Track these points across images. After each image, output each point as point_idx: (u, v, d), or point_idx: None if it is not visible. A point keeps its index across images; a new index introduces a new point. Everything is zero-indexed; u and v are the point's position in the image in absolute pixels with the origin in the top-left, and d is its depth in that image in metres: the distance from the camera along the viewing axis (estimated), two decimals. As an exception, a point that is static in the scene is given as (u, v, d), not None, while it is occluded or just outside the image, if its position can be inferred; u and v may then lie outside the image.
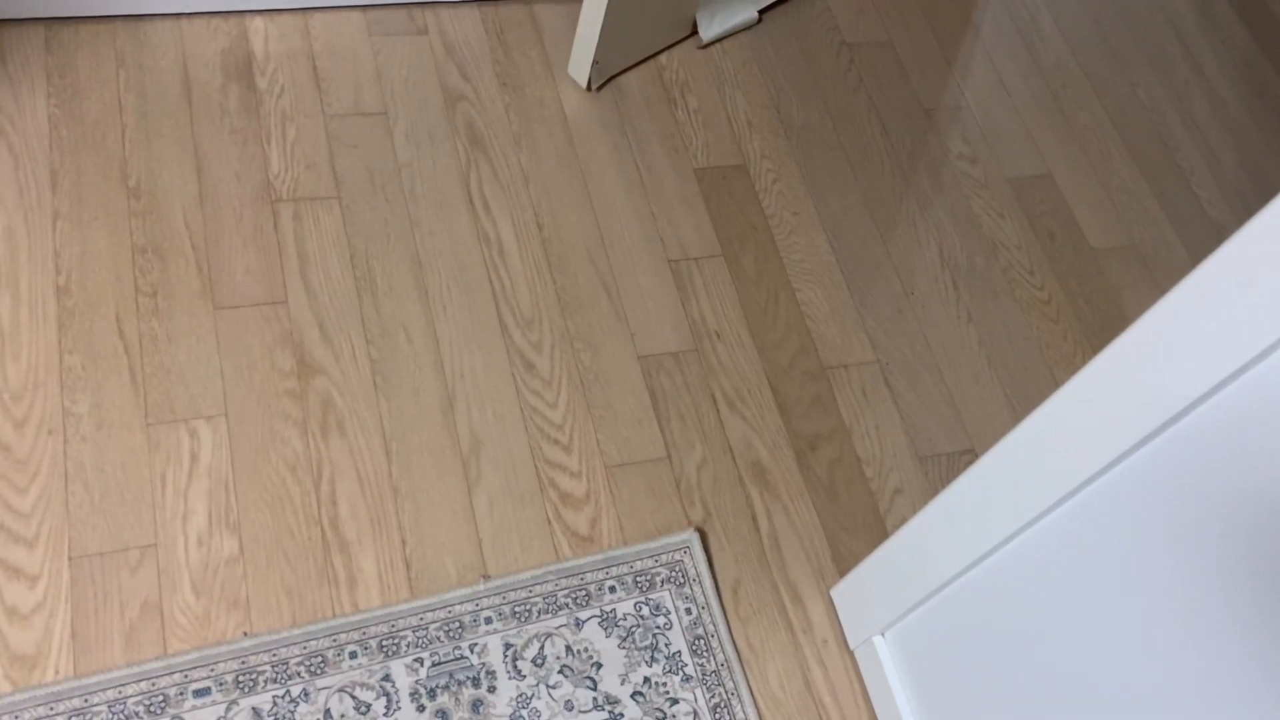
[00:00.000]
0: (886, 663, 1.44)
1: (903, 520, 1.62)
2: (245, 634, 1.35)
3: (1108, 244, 2.05)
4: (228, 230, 1.63)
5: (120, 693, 1.28)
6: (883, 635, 1.46)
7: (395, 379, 1.57)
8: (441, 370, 1.60)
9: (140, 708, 1.27)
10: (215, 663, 1.32)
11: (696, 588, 1.51)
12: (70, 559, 1.34)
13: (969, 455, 1.72)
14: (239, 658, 1.32)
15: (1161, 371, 0.93)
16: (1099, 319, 1.94)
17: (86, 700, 1.27)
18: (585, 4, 1.78)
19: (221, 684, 1.31)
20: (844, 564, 1.58)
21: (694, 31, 2.03)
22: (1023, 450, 1.12)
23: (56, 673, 1.28)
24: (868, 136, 2.03)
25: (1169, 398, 0.93)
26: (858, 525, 1.62)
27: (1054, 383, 1.83)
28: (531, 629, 1.43)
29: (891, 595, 1.41)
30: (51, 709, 1.25)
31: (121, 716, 1.26)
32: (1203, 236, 2.12)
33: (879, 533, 1.62)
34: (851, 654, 1.52)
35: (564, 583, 1.47)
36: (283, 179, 1.70)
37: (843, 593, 1.53)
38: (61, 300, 1.51)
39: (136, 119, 1.68)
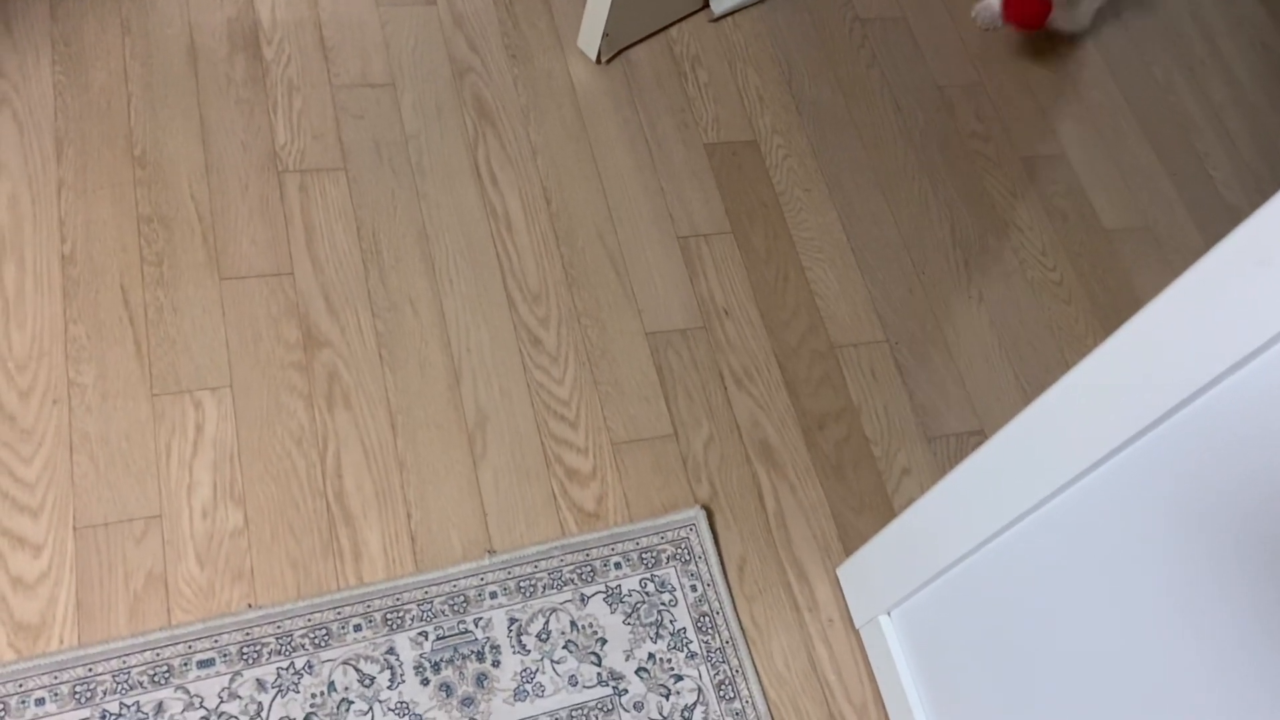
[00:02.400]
0: (892, 642, 1.43)
1: (910, 500, 1.61)
2: (249, 606, 1.34)
3: (1121, 225, 2.03)
4: (234, 201, 1.61)
5: (124, 663, 1.28)
6: (888, 614, 1.45)
7: (401, 352, 1.56)
8: (448, 344, 1.59)
9: (144, 678, 1.27)
10: (219, 634, 1.31)
11: (702, 565, 1.50)
12: (75, 529, 1.34)
13: (978, 436, 1.71)
14: (243, 629, 1.32)
15: (1174, 354, 0.92)
16: (1111, 301, 1.92)
17: (90, 670, 1.26)
18: (596, -25, 1.76)
19: (225, 655, 1.30)
20: (850, 543, 1.57)
21: (705, 4, 2.00)
22: (1032, 432, 1.11)
23: (61, 642, 1.28)
24: (880, 113, 2.01)
25: (1181, 380, 0.92)
26: (864, 505, 1.61)
27: (1065, 364, 1.81)
28: (536, 604, 1.42)
29: (898, 575, 1.40)
30: (56, 678, 1.25)
31: (126, 686, 1.26)
32: (1217, 219, 2.09)
33: (886, 512, 1.61)
34: (857, 633, 1.51)
35: (569, 558, 1.47)
36: (289, 149, 1.68)
37: (849, 572, 1.53)
38: (66, 269, 1.50)
39: (142, 87, 1.67)
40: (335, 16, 1.82)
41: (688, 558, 1.50)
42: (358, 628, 1.36)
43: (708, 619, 1.47)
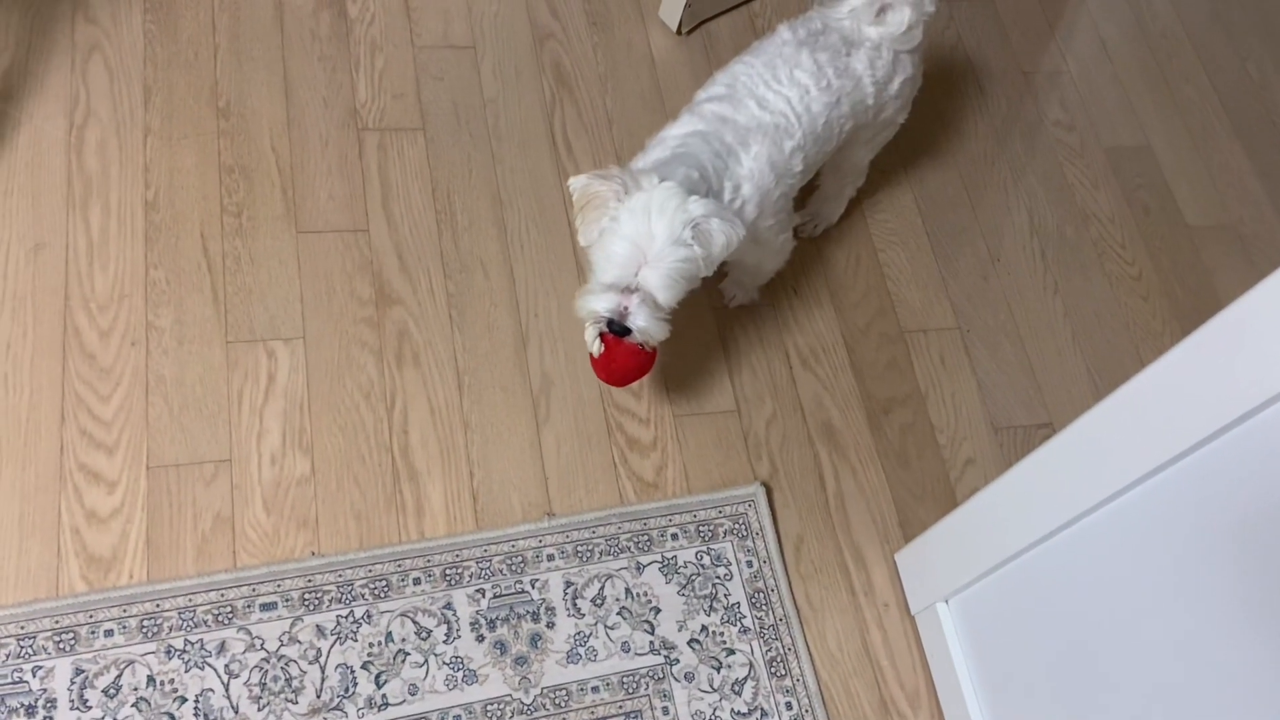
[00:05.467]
0: (948, 630, 1.42)
1: (973, 490, 1.58)
2: (313, 553, 1.37)
3: (1205, 222, 1.97)
4: (313, 155, 1.63)
5: (190, 600, 1.30)
6: (946, 603, 1.43)
7: (471, 314, 1.57)
8: (516, 308, 1.59)
9: (209, 617, 1.30)
10: (282, 579, 1.34)
11: (759, 541, 1.50)
12: (148, 468, 1.37)
13: (1046, 429, 1.68)
14: (306, 575, 1.34)
15: (1255, 356, 0.89)
16: (1190, 299, 1.87)
17: (158, 605, 1.30)
18: (683, -56, 1.75)
19: (288, 600, 1.33)
20: (910, 529, 1.56)
21: (790, -21, 1.98)
22: (1102, 429, 1.09)
23: (130, 577, 1.31)
24: (963, 96, 1.97)
25: (1261, 383, 0.89)
26: (926, 492, 1.60)
27: (1139, 361, 1.77)
28: (593, 569, 1.43)
29: (958, 563, 1.39)
30: (124, 611, 1.29)
31: (190, 624, 1.29)
32: (1307, 220, 2.03)
33: (948, 501, 1.59)
34: (912, 619, 1.50)
35: (627, 526, 1.47)
36: (369, 108, 1.69)
37: (907, 558, 1.51)
38: (149, 215, 1.53)
39: (229, 40, 1.69)
40: (420, -23, 1.83)
41: (745, 533, 1.50)
42: (417, 581, 1.37)
43: (762, 595, 1.46)
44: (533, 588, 1.40)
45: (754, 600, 1.46)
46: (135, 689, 1.25)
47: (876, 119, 1.49)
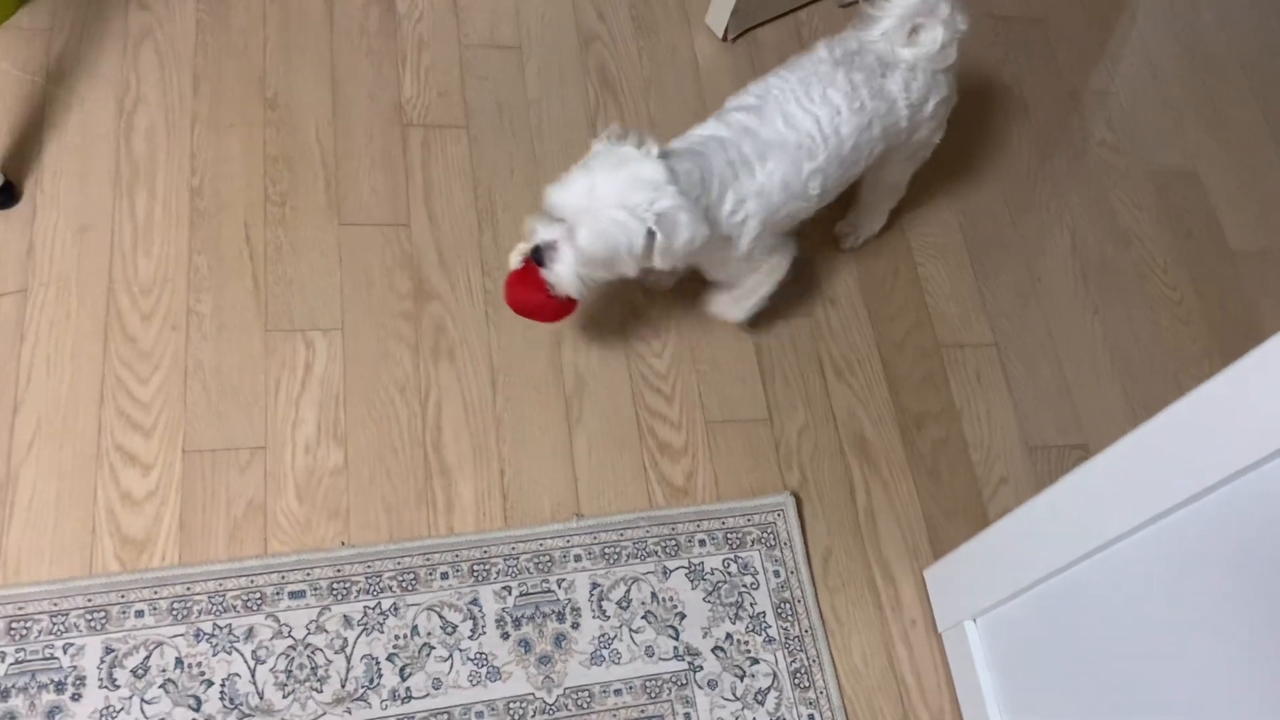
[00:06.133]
0: (976, 649, 1.41)
1: (1005, 509, 1.57)
2: (343, 543, 1.37)
3: (1250, 248, 1.95)
4: (357, 149, 1.64)
5: (220, 585, 1.31)
6: (974, 621, 1.42)
7: (507, 312, 1.57)
8: (552, 308, 1.59)
9: (238, 602, 1.31)
10: (312, 567, 1.34)
11: (787, 551, 1.49)
12: (184, 452, 1.38)
13: (1080, 451, 1.66)
14: (335, 565, 1.35)
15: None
16: (1232, 325, 1.85)
17: (188, 589, 1.31)
18: (733, -49, 1.75)
19: (316, 589, 1.33)
20: (940, 546, 1.54)
21: (837, -11, 1.98)
22: (1139, 455, 1.08)
23: (163, 559, 1.32)
24: (1008, 113, 1.96)
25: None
26: (958, 509, 1.58)
27: (1178, 387, 1.75)
28: (619, 571, 1.43)
29: (988, 582, 1.37)
30: (156, 592, 1.30)
31: (220, 608, 1.30)
32: (1354, 251, 2.00)
33: (979, 519, 1.58)
34: (939, 637, 1.48)
35: (655, 530, 1.47)
36: (414, 104, 1.70)
37: (937, 574, 1.50)
38: (194, 201, 1.55)
39: (279, 31, 1.71)
40: (469, -24, 1.84)
41: (773, 543, 1.49)
42: (444, 576, 1.38)
43: (788, 606, 1.45)
44: (559, 587, 1.40)
45: (780, 610, 1.45)
46: (163, 670, 1.26)
47: (910, 140, 1.48)
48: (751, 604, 1.45)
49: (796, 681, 1.41)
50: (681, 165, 1.25)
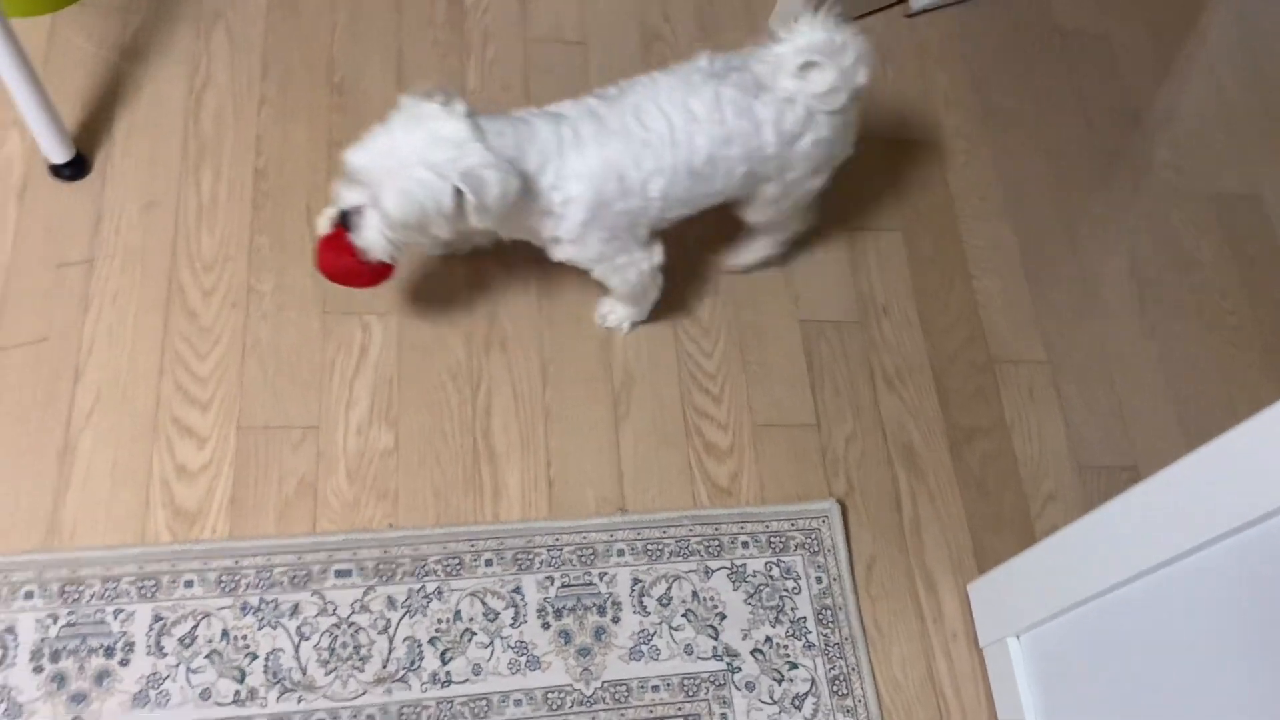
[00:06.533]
0: (1017, 665, 1.39)
1: (1052, 527, 1.55)
2: (390, 525, 1.38)
3: (1312, 277, 1.91)
4: (420, 137, 1.65)
5: (269, 560, 1.33)
6: (1017, 638, 1.41)
7: (559, 305, 1.58)
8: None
9: (285, 578, 1.32)
10: (359, 548, 1.36)
11: (830, 558, 1.48)
12: (238, 428, 1.40)
13: (1130, 472, 1.64)
14: (382, 547, 1.36)
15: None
16: (1291, 354, 1.82)
17: (237, 562, 1.32)
18: (796, -44, 1.75)
19: (363, 569, 1.35)
20: (984, 561, 1.53)
21: (903, -1, 1.97)
22: (1191, 480, 1.06)
23: (213, 532, 1.34)
24: (1070, 130, 1.94)
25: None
26: (1004, 524, 1.57)
27: (1233, 413, 1.72)
28: (661, 568, 1.43)
29: (1033, 599, 1.36)
30: (205, 564, 1.31)
31: (267, 583, 1.32)
32: None
33: (1026, 535, 1.56)
34: (980, 652, 1.47)
35: (698, 530, 1.47)
36: (478, 96, 1.72)
37: (980, 589, 1.49)
38: (258, 183, 1.57)
39: (348, 18, 1.73)
40: (537, -29, 1.85)
41: (816, 549, 1.49)
42: (489, 562, 1.38)
43: (829, 613, 1.45)
44: (601, 581, 1.41)
45: (821, 617, 1.44)
46: (209, 641, 1.28)
47: (785, 175, 1.40)
48: (792, 609, 1.44)
49: (835, 689, 1.40)
50: (492, 125, 1.22)
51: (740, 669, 1.39)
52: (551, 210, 1.30)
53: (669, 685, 1.36)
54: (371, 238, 1.24)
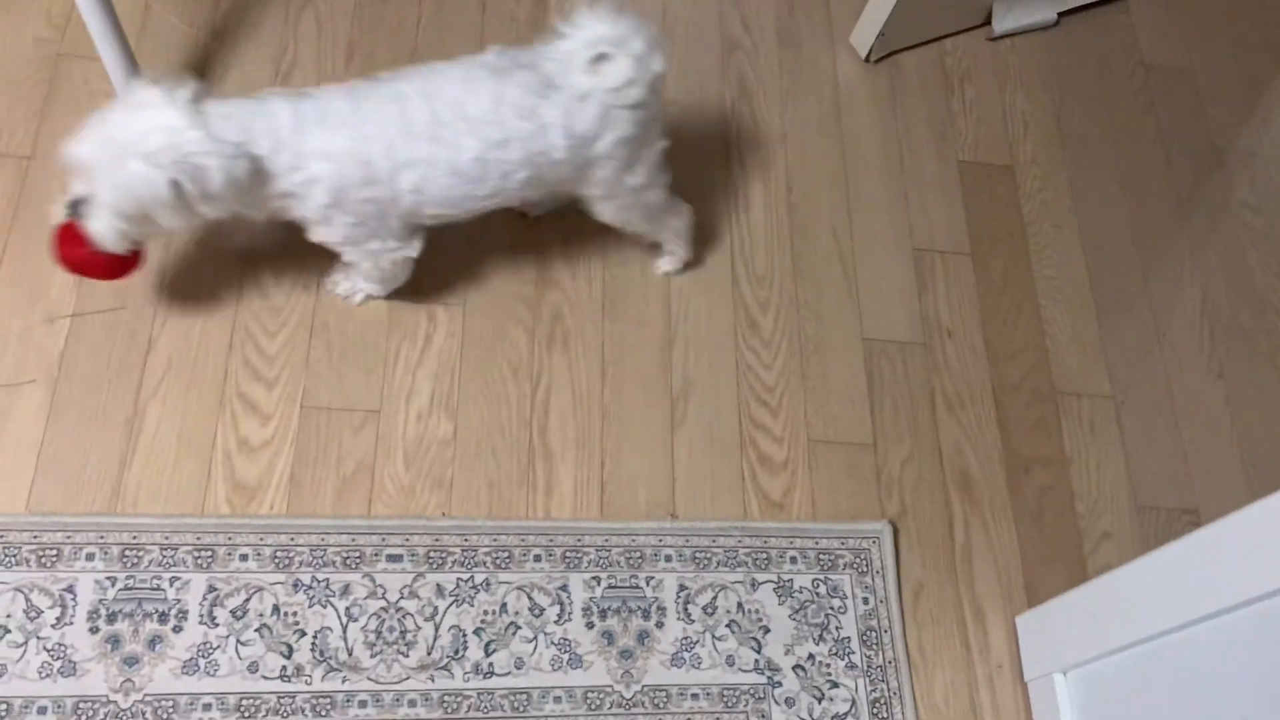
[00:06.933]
0: (1063, 703, 1.37)
1: (1106, 565, 1.53)
2: (444, 514, 1.40)
3: (1391, 329, 1.87)
4: (496, 132, 1.67)
5: (323, 540, 1.35)
6: (1064, 674, 1.39)
7: (623, 307, 1.59)
8: (667, 307, 1.60)
9: (338, 558, 1.34)
10: (411, 534, 1.37)
11: (878, 580, 1.47)
12: (301, 407, 1.42)
13: (1190, 516, 1.61)
14: (434, 534, 1.37)
15: None
16: (1364, 406, 1.77)
17: (292, 539, 1.34)
18: (887, -27, 1.74)
19: (414, 555, 1.36)
20: (1034, 594, 1.51)
21: (987, 21, 1.95)
22: (1254, 529, 1.04)
23: (271, 508, 1.36)
24: (1149, 163, 1.91)
25: None
26: (1057, 558, 1.55)
27: (1301, 462, 1.68)
28: (708, 577, 1.43)
29: (1082, 637, 1.34)
30: (261, 539, 1.34)
31: (320, 562, 1.33)
32: None
33: (1078, 571, 1.54)
34: (1025, 686, 1.45)
35: (747, 541, 1.46)
36: (554, 94, 1.73)
37: (1029, 622, 1.47)
38: (336, 167, 1.59)
39: (434, 11, 1.75)
40: (621, -26, 1.86)
41: (865, 569, 1.48)
42: (537, 558, 1.39)
43: (874, 634, 1.44)
44: (647, 585, 1.41)
45: (865, 638, 1.43)
46: (260, 615, 1.30)
47: (591, 176, 1.35)
48: (838, 628, 1.43)
49: (875, 711, 1.39)
50: (220, 109, 1.18)
51: (781, 684, 1.38)
52: (293, 191, 1.25)
53: (709, 694, 1.36)
54: (100, 228, 1.21)
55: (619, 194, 1.40)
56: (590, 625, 1.37)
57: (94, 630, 1.26)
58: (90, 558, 1.29)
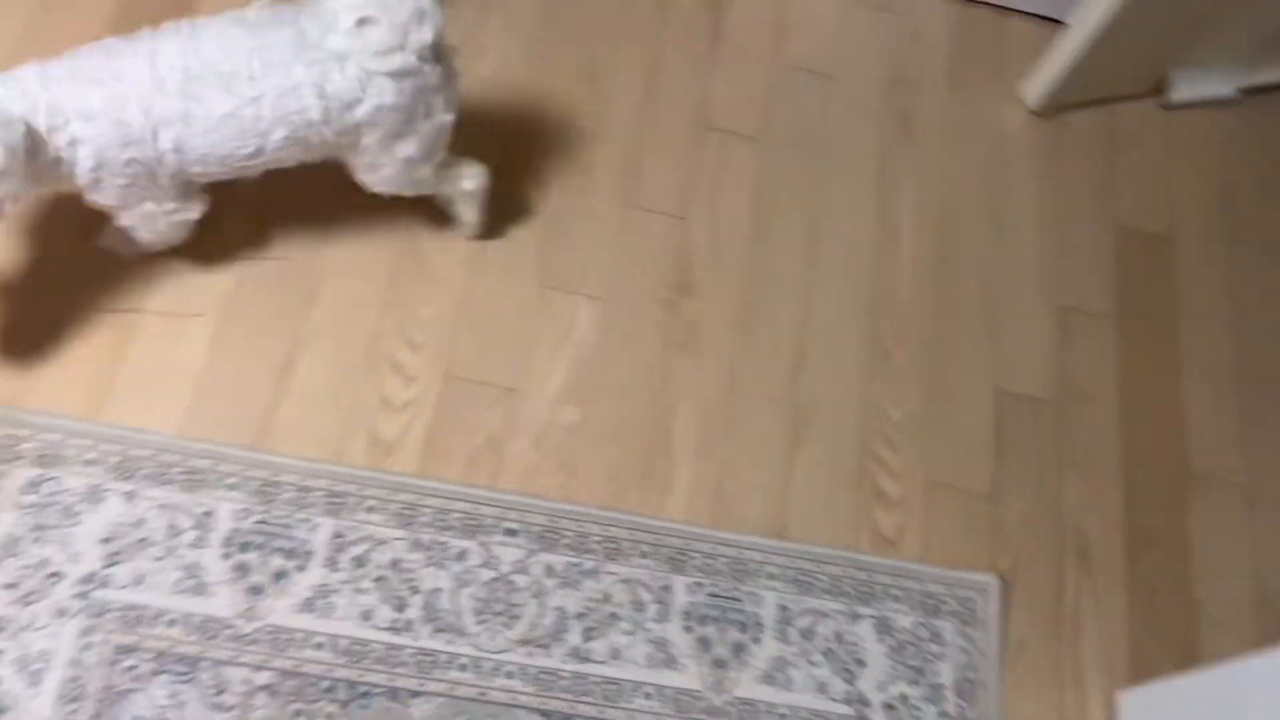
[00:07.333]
0: (1157, 787, 1.34)
1: (1219, 654, 1.48)
2: (564, 498, 1.44)
3: None
4: (658, 138, 1.71)
5: (447, 504, 1.40)
6: (1162, 759, 1.35)
7: (758, 322, 1.61)
8: (803, 329, 1.62)
9: (458, 523, 1.39)
10: (529, 511, 1.41)
11: (981, 633, 1.46)
12: (445, 374, 1.48)
13: (1316, 620, 1.55)
14: (550, 515, 1.41)
15: None
16: None
17: (419, 499, 1.40)
18: (1072, 30, 1.72)
19: (529, 532, 1.40)
20: (1139, 670, 1.47)
21: (1162, 88, 1.91)
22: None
23: (404, 466, 1.42)
24: (1309, 247, 1.85)
25: None
26: (1167, 638, 1.51)
27: None
28: (810, 602, 1.43)
29: (1187, 723, 1.31)
30: (390, 494, 1.39)
31: (442, 525, 1.39)
32: None
33: (1187, 655, 1.50)
34: (1118, 762, 1.42)
35: (852, 573, 1.46)
36: (720, 109, 1.76)
37: (1131, 698, 1.43)
38: (502, 153, 1.65)
39: (612, 14, 1.80)
40: (804, 1, 1.88)
41: (969, 619, 1.46)
42: (644, 554, 1.42)
43: (969, 686, 1.42)
44: (747, 599, 1.42)
45: (960, 688, 1.42)
46: (379, 566, 1.35)
47: (354, 143, 1.31)
48: (934, 673, 1.42)
49: (961, 761, 1.38)
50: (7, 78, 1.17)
51: (869, 719, 1.38)
52: (60, 155, 1.21)
53: (798, 716, 1.36)
54: None
55: (386, 163, 1.36)
56: (688, 629, 1.39)
57: (226, 556, 1.33)
58: (232, 487, 1.37)
